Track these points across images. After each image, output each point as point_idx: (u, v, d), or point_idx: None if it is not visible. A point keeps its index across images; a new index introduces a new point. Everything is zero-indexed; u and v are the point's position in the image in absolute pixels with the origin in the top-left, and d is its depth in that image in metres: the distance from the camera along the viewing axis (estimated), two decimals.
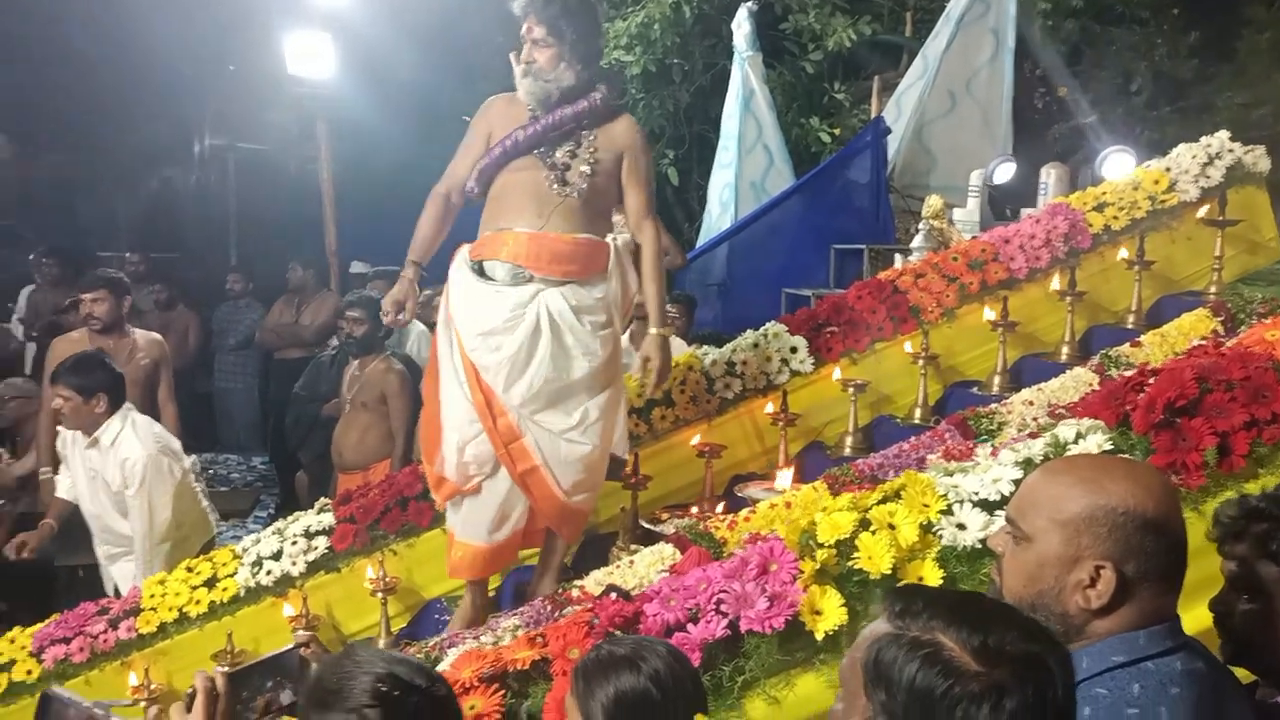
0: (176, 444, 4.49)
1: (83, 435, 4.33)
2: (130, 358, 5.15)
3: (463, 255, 3.44)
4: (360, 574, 3.88)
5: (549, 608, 3.24)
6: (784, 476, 3.76)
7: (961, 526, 2.19)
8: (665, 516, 3.82)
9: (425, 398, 3.63)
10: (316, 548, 4.03)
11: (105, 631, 3.90)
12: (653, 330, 3.48)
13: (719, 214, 7.49)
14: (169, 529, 4.32)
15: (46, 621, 4.01)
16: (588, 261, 3.36)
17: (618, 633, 2.20)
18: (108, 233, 12.00)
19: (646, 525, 3.77)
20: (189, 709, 1.44)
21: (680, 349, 4.77)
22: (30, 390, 5.78)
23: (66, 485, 4.55)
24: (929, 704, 1.17)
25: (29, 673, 3.85)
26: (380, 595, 3.76)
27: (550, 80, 3.33)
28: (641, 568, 3.23)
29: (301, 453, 6.42)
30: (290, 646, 1.64)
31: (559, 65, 3.31)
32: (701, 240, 7.51)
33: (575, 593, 3.26)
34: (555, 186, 3.33)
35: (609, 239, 3.44)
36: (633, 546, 3.61)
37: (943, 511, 2.21)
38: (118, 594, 4.41)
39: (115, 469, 4.26)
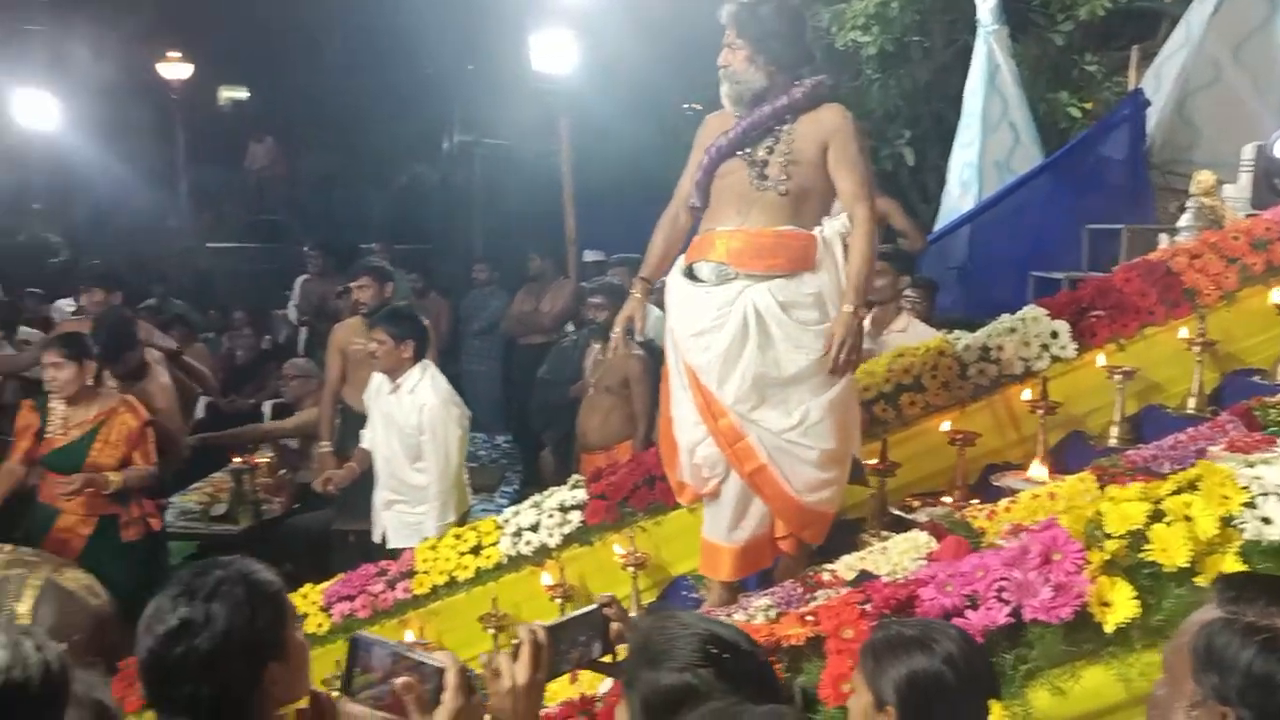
0: (458, 396, 4.87)
1: (388, 382, 4.74)
2: None
3: (678, 262, 3.56)
4: (610, 548, 4.04)
5: (800, 589, 3.27)
6: (1036, 468, 3.65)
7: (1267, 520, 2.06)
8: (917, 504, 3.76)
9: (661, 402, 3.76)
10: (570, 521, 4.22)
11: (384, 591, 4.24)
12: (844, 306, 3.31)
13: (959, 194, 7.25)
14: (458, 473, 4.72)
15: (333, 580, 4.40)
16: (793, 255, 3.35)
17: (890, 615, 2.21)
18: (362, 226, 12.90)
19: (897, 512, 3.73)
20: (515, 658, 1.57)
21: (925, 334, 4.68)
22: (310, 370, 6.32)
23: (368, 436, 4.97)
24: (1269, 689, 1.13)
25: (319, 625, 4.23)
26: (630, 570, 3.91)
27: (741, 83, 3.38)
28: (895, 555, 3.20)
29: (546, 433, 6.71)
30: (594, 606, 1.75)
31: (749, 68, 3.36)
32: (940, 222, 7.30)
33: (826, 576, 3.28)
34: (755, 183, 3.36)
35: (816, 231, 3.40)
36: (883, 533, 3.58)
37: (1245, 504, 2.09)
38: (384, 541, 4.80)
39: (412, 413, 4.67)
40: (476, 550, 4.26)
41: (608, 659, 1.72)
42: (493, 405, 8.86)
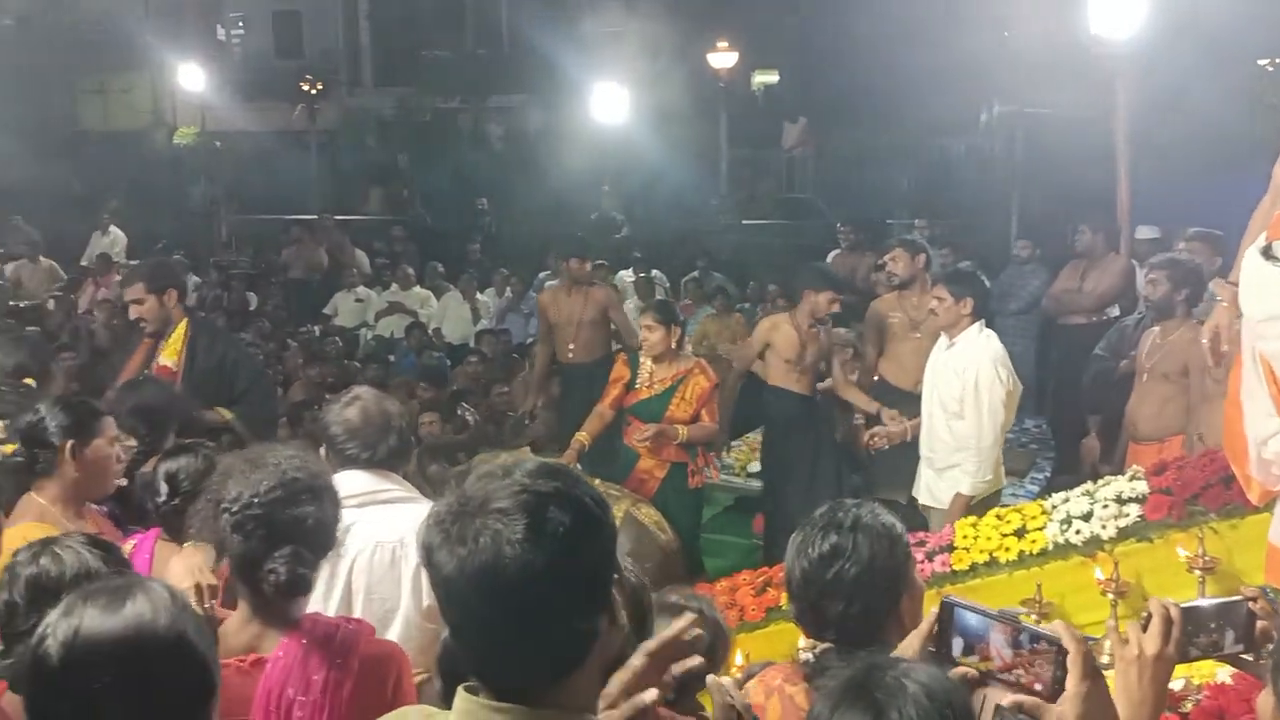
0: (1010, 363, 4.86)
1: (945, 338, 4.88)
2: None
3: (1258, 240, 3.18)
4: (1172, 547, 3.75)
5: None
6: None
7: None
8: None
9: (1229, 390, 3.42)
10: (1128, 514, 3.98)
11: (923, 562, 4.32)
12: None
13: None
14: (996, 438, 4.73)
15: None
16: None
17: None
18: (889, 201, 13.04)
19: None
20: (1144, 629, 1.57)
21: None
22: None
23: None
24: None
25: None
26: (1197, 573, 3.60)
27: None
28: None
29: (1092, 418, 6.36)
30: (1238, 598, 1.68)
31: None
32: None
33: None
34: None
35: None
36: None
37: None
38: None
39: (959, 369, 4.75)
40: (1020, 533, 4.18)
41: (1248, 656, 1.64)
42: (1025, 387, 8.51)
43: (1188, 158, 8.37)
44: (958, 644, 1.61)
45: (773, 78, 21.70)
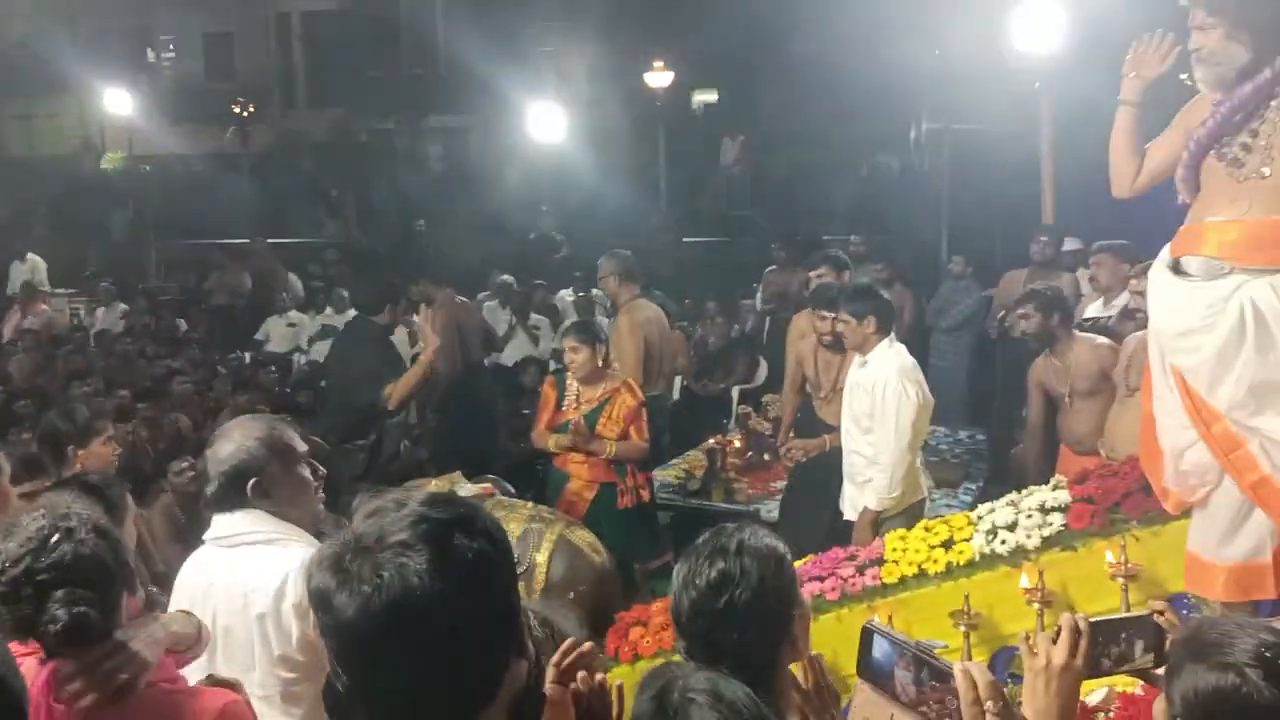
0: (920, 376, 4.86)
1: (859, 358, 4.89)
2: None
3: (1162, 254, 3.25)
4: (1097, 555, 3.76)
5: None
6: None
7: None
8: None
9: (1142, 402, 3.51)
10: (1051, 524, 3.99)
11: (853, 576, 4.30)
12: None
13: None
14: (907, 452, 4.72)
15: (803, 560, 4.54)
16: None
17: None
18: (825, 218, 13.12)
19: None
20: (1055, 641, 1.59)
21: None
22: None
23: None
24: None
25: None
26: (1120, 580, 3.62)
27: (1221, 63, 3.01)
28: None
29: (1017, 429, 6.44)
30: (1147, 612, 1.71)
31: (1228, 44, 2.98)
32: None
33: None
34: (1238, 170, 3.02)
35: None
36: None
37: None
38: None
39: (868, 384, 4.76)
40: (948, 545, 4.18)
41: (1158, 670, 1.64)
42: (958, 399, 8.60)
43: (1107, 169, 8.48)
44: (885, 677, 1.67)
45: (712, 96, 21.85)
